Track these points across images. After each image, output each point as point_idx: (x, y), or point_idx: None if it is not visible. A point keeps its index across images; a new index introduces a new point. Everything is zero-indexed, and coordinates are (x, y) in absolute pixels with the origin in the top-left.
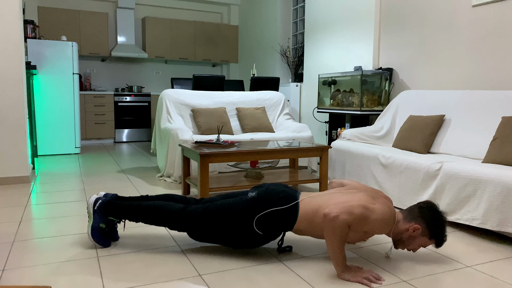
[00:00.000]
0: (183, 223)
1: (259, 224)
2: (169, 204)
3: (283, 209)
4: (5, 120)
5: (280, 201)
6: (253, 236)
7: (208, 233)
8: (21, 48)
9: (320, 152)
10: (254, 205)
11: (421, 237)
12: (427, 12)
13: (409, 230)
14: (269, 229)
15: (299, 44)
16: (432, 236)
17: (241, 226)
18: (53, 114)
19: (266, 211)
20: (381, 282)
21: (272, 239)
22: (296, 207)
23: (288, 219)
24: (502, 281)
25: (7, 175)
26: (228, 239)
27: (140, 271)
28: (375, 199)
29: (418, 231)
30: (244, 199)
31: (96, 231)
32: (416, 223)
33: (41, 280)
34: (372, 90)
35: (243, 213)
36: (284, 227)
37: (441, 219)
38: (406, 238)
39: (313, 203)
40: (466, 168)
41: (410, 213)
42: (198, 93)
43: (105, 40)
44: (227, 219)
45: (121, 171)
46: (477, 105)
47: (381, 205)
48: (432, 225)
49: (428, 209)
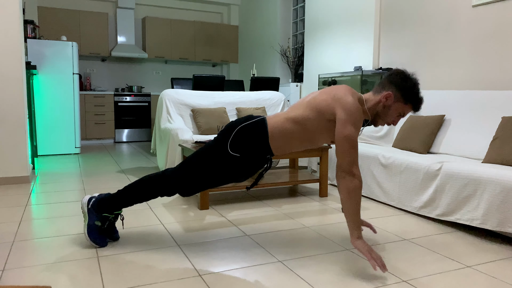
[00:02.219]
0: (169, 183)
1: (233, 147)
2: (150, 175)
3: (251, 124)
4: (5, 120)
5: (246, 120)
6: (235, 162)
7: (195, 180)
8: (21, 48)
9: (320, 152)
10: (223, 133)
11: (396, 103)
12: (427, 12)
13: (381, 100)
14: (245, 148)
15: (299, 44)
16: (407, 99)
17: (218, 157)
18: (53, 114)
19: (234, 130)
20: (384, 271)
21: (257, 163)
22: (263, 119)
23: (258, 132)
24: (502, 281)
25: (7, 175)
26: (215, 177)
27: (140, 271)
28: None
29: (391, 98)
30: (216, 136)
31: (92, 230)
32: (386, 90)
33: (41, 280)
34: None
35: (216, 145)
36: (259, 144)
37: (412, 80)
38: (381, 111)
39: (280, 114)
40: (466, 168)
41: (379, 85)
42: (198, 93)
43: (105, 40)
44: (204, 157)
45: (121, 171)
46: (477, 105)
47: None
48: (403, 88)
49: (396, 74)
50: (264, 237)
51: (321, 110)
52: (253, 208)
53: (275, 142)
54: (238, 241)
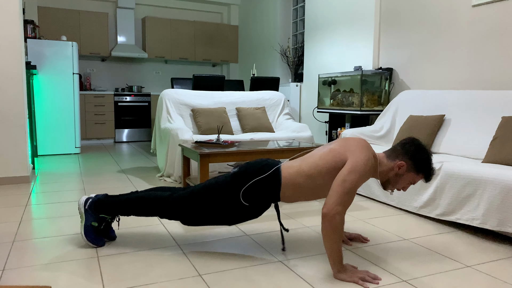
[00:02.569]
0: (173, 209)
1: (245, 196)
2: (156, 193)
3: (266, 177)
4: (5, 120)
5: (262, 170)
6: (242, 209)
7: (198, 215)
8: (21, 48)
9: None
10: (238, 179)
11: (408, 173)
12: (427, 12)
13: (394, 168)
14: (256, 199)
15: (299, 44)
16: (419, 170)
17: (228, 201)
18: (53, 114)
19: (250, 182)
20: (378, 282)
21: (261, 211)
22: (278, 172)
23: (272, 185)
24: (502, 281)
25: (7, 175)
26: (219, 217)
27: (140, 271)
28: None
29: (404, 168)
30: (227, 176)
31: (89, 230)
32: (400, 160)
33: (41, 280)
34: (372, 90)
35: (228, 189)
36: (270, 195)
37: (425, 152)
38: (393, 177)
39: (294, 164)
40: (466, 168)
41: (393, 151)
42: (198, 93)
43: (105, 40)
44: (214, 197)
45: (121, 171)
46: (477, 105)
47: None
48: (417, 159)
49: (411, 144)
50: (264, 237)
51: (335, 163)
52: None
53: (285, 194)
54: (238, 241)
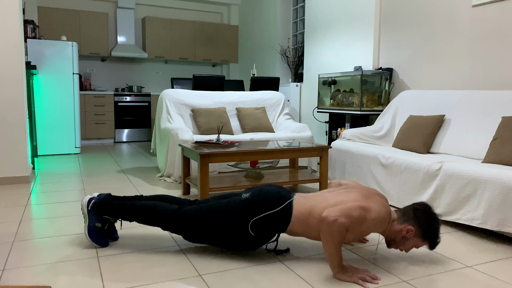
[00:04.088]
0: (177, 224)
1: (253, 226)
2: (163, 204)
3: (277, 211)
4: (5, 120)
5: (274, 204)
6: (247, 238)
7: (202, 235)
8: (21, 48)
9: (320, 152)
10: (248, 208)
11: (414, 238)
12: (427, 12)
13: (402, 231)
14: (263, 231)
15: (299, 44)
16: (426, 238)
17: (235, 228)
18: (53, 114)
19: (261, 215)
20: (377, 282)
21: (266, 241)
22: (290, 208)
23: (282, 220)
24: (502, 281)
25: (7, 175)
26: (222, 241)
27: (140, 271)
28: (369, 198)
29: (412, 233)
30: (238, 201)
31: (93, 231)
32: (409, 224)
33: (41, 280)
34: (372, 90)
35: (237, 216)
36: (278, 229)
37: (435, 222)
38: (399, 239)
39: (306, 204)
40: (466, 168)
41: (404, 214)
42: (198, 93)
43: (105, 40)
44: (221, 221)
45: (121, 171)
46: (477, 105)
47: (376, 204)
48: (426, 228)
49: (423, 212)
50: None
51: None
52: None
53: (293, 229)
54: None
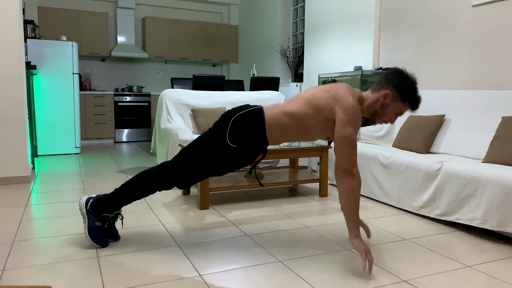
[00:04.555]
0: (166, 176)
1: (232, 138)
2: (146, 170)
3: (247, 113)
4: (5, 120)
5: (241, 109)
6: (232, 153)
7: (192, 172)
8: (21, 48)
9: (320, 152)
10: (220, 124)
11: (394, 102)
12: (427, 12)
13: (379, 99)
14: (243, 139)
15: (299, 44)
16: (405, 98)
17: (217, 148)
18: (53, 114)
19: (231, 120)
20: (369, 273)
21: (252, 154)
22: (260, 111)
23: (256, 123)
24: (502, 281)
25: (7, 175)
26: (213, 168)
27: (140, 271)
28: (332, 91)
29: (389, 97)
30: (211, 126)
31: (92, 230)
32: (385, 90)
33: (41, 280)
34: None
35: (214, 136)
36: (256, 135)
37: (410, 80)
38: (379, 109)
39: (276, 106)
40: (466, 168)
41: (377, 84)
42: (198, 93)
43: (105, 40)
44: (202, 149)
45: (121, 171)
46: (477, 105)
47: (346, 97)
48: (401, 87)
49: (395, 73)
50: (264, 237)
51: (320, 108)
52: (253, 208)
53: (272, 134)
54: (238, 241)
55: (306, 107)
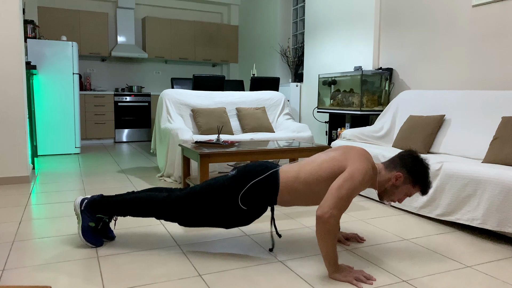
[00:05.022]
0: (170, 211)
1: (243, 199)
2: (153, 193)
3: (264, 179)
4: (5, 120)
5: (259, 173)
6: (239, 213)
7: (196, 217)
8: (21, 48)
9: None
10: (236, 182)
11: (405, 185)
12: (427, 12)
13: (391, 179)
14: (254, 202)
15: (299, 44)
16: (416, 183)
17: (226, 204)
18: (53, 114)
19: (248, 185)
20: (372, 282)
21: (259, 214)
22: (276, 175)
23: (270, 188)
24: (502, 281)
25: (7, 175)
26: (216, 220)
27: (140, 271)
28: (348, 153)
29: (401, 179)
30: (225, 178)
31: (86, 231)
32: (397, 171)
33: (41, 280)
34: (372, 90)
35: (226, 192)
36: (268, 199)
37: (423, 165)
38: (390, 188)
39: (292, 170)
40: (466, 168)
41: (391, 162)
42: (198, 93)
43: (105, 40)
44: (211, 199)
45: (121, 171)
46: (477, 105)
47: (359, 161)
48: (414, 171)
49: (409, 156)
50: (264, 237)
51: (333, 172)
52: None
53: (282, 198)
54: (238, 241)
55: (320, 172)
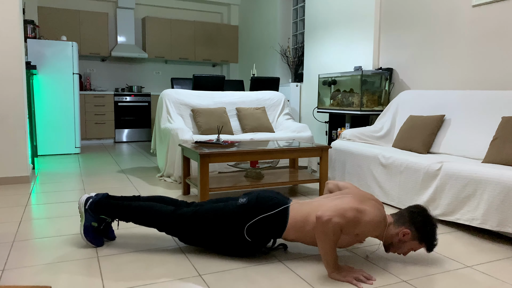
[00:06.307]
0: (173, 226)
1: (249, 231)
2: (159, 205)
3: (273, 215)
4: (5, 120)
5: (270, 209)
6: (243, 243)
7: (198, 238)
8: (21, 48)
9: (320, 152)
10: (245, 212)
11: (411, 241)
12: (427, 12)
13: (399, 234)
14: (259, 236)
15: (299, 44)
16: (422, 241)
17: (231, 232)
18: (53, 114)
19: (256, 218)
20: (371, 282)
21: (262, 247)
22: (286, 213)
23: (277, 225)
24: (502, 281)
25: (7, 175)
26: (218, 245)
27: (140, 271)
28: (364, 201)
29: (408, 236)
30: (235, 205)
31: (88, 230)
32: (406, 227)
33: (41, 280)
34: (372, 90)
35: (233, 220)
36: (273, 234)
37: (432, 224)
38: (396, 242)
39: (302, 211)
40: (466, 168)
41: (400, 217)
42: (198, 93)
43: (105, 40)
44: (217, 225)
45: (121, 171)
46: (477, 105)
47: (371, 207)
48: (422, 230)
49: (419, 214)
50: None
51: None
52: None
53: (288, 235)
54: None
55: None
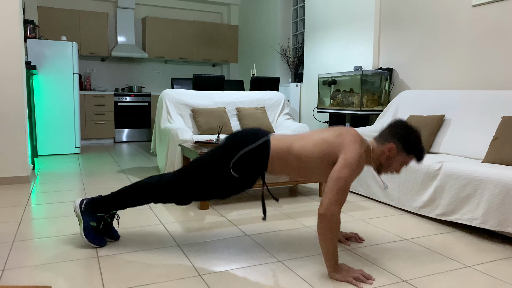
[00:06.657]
0: (165, 191)
1: (234, 168)
2: (144, 180)
3: (255, 148)
4: (5, 120)
5: (251, 140)
6: (232, 181)
7: (191, 192)
8: (21, 48)
9: None
10: (226, 151)
11: (399, 155)
12: (427, 12)
13: (385, 152)
14: (245, 170)
15: (299, 44)
16: (409, 151)
17: (218, 174)
18: (53, 114)
19: (239, 153)
20: (371, 282)
21: (251, 182)
22: (267, 143)
23: (260, 156)
24: (502, 281)
25: (7, 175)
26: (211, 191)
27: (140, 271)
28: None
29: (394, 150)
30: (216, 148)
31: (88, 231)
32: (389, 142)
33: (41, 280)
34: (372, 90)
35: (218, 161)
36: (258, 167)
37: (414, 132)
38: (385, 161)
39: (284, 141)
40: (466, 168)
41: (382, 136)
42: (198, 93)
43: (105, 40)
44: (204, 171)
45: (121, 171)
46: (477, 105)
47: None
48: (406, 140)
49: (399, 126)
50: (264, 237)
51: (326, 154)
52: (253, 208)
53: (273, 167)
54: (238, 241)
55: (313, 150)
